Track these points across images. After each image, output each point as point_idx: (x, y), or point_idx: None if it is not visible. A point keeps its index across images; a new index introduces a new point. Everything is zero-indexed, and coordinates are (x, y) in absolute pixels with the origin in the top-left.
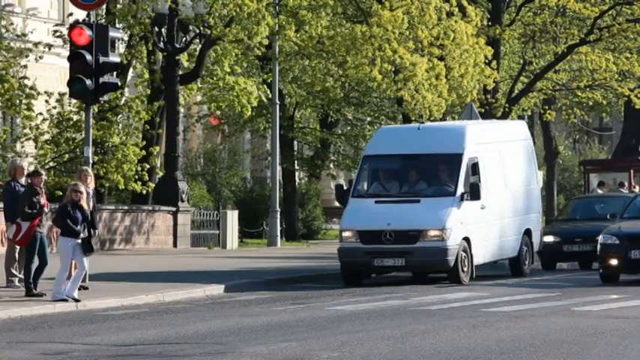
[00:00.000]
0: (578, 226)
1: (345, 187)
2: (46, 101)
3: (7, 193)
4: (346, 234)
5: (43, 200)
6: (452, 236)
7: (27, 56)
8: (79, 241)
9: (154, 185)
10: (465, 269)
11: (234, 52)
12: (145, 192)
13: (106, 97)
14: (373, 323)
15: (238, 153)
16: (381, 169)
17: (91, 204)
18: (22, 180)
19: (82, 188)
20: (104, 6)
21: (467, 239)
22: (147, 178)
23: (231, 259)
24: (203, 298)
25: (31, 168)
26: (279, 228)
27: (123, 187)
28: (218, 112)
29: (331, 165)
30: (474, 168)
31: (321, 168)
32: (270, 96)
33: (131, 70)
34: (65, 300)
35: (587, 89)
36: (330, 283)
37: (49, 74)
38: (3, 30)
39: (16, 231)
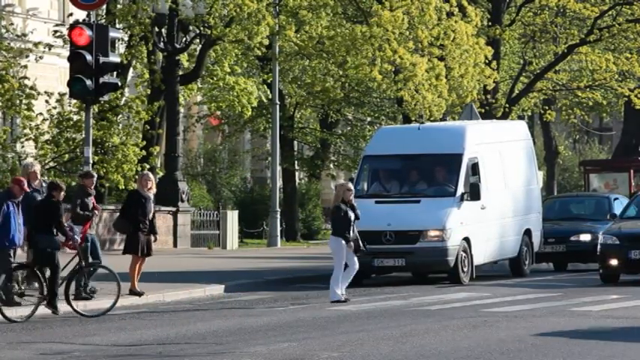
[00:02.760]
0: (551, 226)
1: None
2: (46, 101)
3: (24, 199)
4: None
5: (93, 202)
6: (452, 236)
7: (27, 56)
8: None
9: None
10: (465, 269)
11: (235, 52)
12: None
13: (106, 97)
14: (373, 323)
15: (238, 153)
16: (381, 169)
17: (152, 209)
18: (36, 183)
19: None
20: (104, 6)
21: (467, 239)
22: None
23: (231, 259)
24: (203, 298)
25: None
26: (279, 228)
27: (123, 187)
28: (218, 112)
29: (331, 165)
30: (474, 168)
31: (321, 168)
32: (270, 96)
33: (131, 70)
34: (344, 301)
35: (587, 89)
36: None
37: (49, 74)
38: (3, 30)
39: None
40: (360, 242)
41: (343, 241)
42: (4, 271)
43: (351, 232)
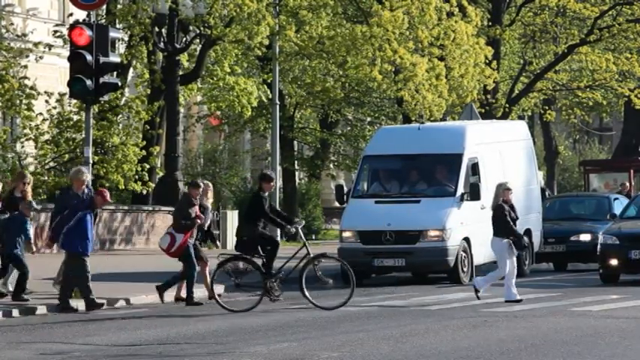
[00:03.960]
0: (551, 226)
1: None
2: (46, 101)
3: (60, 200)
4: (346, 234)
5: (197, 211)
6: (452, 236)
7: (27, 56)
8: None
9: (154, 185)
10: (465, 269)
11: (235, 52)
12: (145, 192)
13: (106, 97)
14: (373, 323)
15: (238, 153)
16: (381, 169)
17: (209, 219)
18: (80, 192)
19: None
20: (104, 6)
21: (467, 239)
22: (147, 178)
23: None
24: (203, 298)
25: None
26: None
27: (123, 187)
28: (218, 112)
29: (331, 165)
30: (474, 168)
31: (321, 168)
32: (270, 96)
33: (131, 70)
34: (519, 301)
35: (588, 89)
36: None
37: (49, 74)
38: (3, 30)
39: (171, 243)
40: (523, 240)
41: (504, 241)
42: (80, 278)
43: (515, 232)
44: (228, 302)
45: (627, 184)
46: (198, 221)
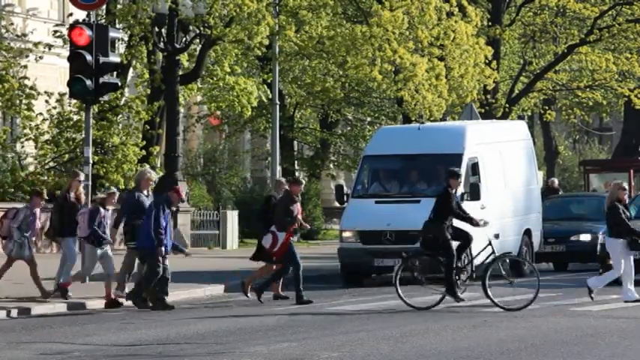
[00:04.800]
0: (551, 226)
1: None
2: (46, 101)
3: (127, 203)
4: (346, 234)
5: (298, 208)
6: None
7: (27, 56)
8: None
9: (153, 185)
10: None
11: (234, 52)
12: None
13: (106, 97)
14: (373, 323)
15: (238, 153)
16: (381, 169)
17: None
18: (145, 192)
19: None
20: (104, 6)
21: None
22: None
23: (231, 259)
24: (203, 298)
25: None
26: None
27: (123, 187)
28: (218, 112)
29: (331, 165)
30: (474, 168)
31: (321, 168)
32: (270, 96)
33: (131, 70)
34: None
35: (587, 89)
36: (330, 283)
37: (49, 74)
38: (3, 30)
39: (273, 242)
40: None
41: (620, 241)
42: (154, 273)
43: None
44: (411, 300)
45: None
46: (299, 217)
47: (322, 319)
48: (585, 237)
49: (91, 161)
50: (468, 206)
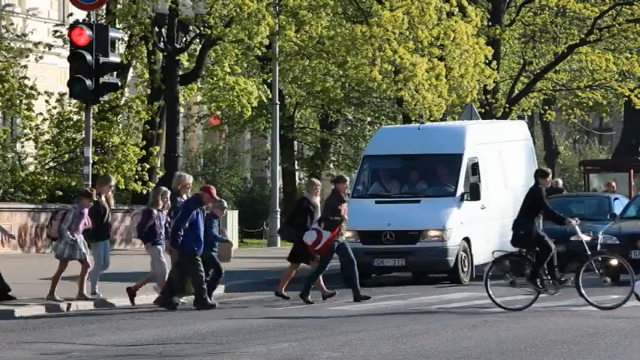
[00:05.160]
0: (551, 226)
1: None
2: (46, 101)
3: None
4: (346, 234)
5: (345, 208)
6: (452, 236)
7: (27, 56)
8: None
9: (154, 185)
10: (465, 269)
11: (235, 52)
12: (145, 192)
13: (106, 97)
14: (373, 323)
15: (238, 153)
16: (381, 169)
17: (314, 217)
18: (185, 197)
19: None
20: (104, 6)
21: (467, 239)
22: (147, 178)
23: (230, 259)
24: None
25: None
26: (279, 228)
27: (123, 187)
28: (218, 112)
29: (331, 165)
30: (474, 168)
31: (321, 168)
32: (270, 96)
33: (131, 70)
34: None
35: (588, 89)
36: (330, 283)
37: (49, 74)
38: (3, 30)
39: (317, 239)
40: None
41: None
42: (195, 277)
43: None
44: (503, 301)
45: (613, 183)
46: (346, 216)
47: (322, 319)
48: (585, 237)
49: (91, 161)
50: (468, 206)
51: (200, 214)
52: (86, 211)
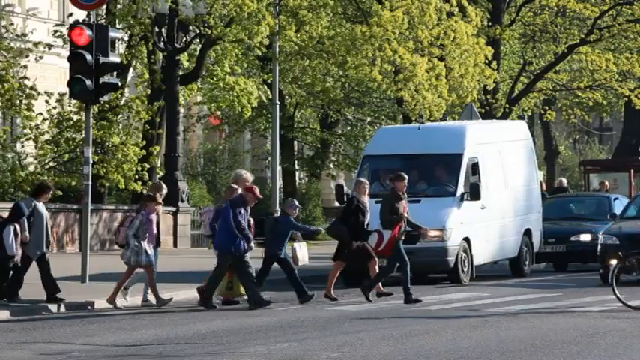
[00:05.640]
0: (551, 226)
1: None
2: (46, 101)
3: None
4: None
5: (404, 205)
6: (452, 236)
7: (27, 56)
8: None
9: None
10: (465, 269)
11: (235, 52)
12: (144, 192)
13: (106, 97)
14: (373, 323)
15: (238, 153)
16: (381, 169)
17: (366, 216)
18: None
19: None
20: (104, 6)
21: (467, 239)
22: (147, 178)
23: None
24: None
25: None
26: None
27: (123, 187)
28: (218, 112)
29: (331, 165)
30: (474, 168)
31: (321, 168)
32: (270, 96)
33: (131, 70)
34: None
35: (588, 89)
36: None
37: (49, 74)
38: (3, 30)
39: (379, 241)
40: None
41: None
42: (244, 276)
43: None
44: (632, 302)
45: (607, 182)
46: (406, 215)
47: (322, 319)
48: (585, 237)
49: (91, 161)
50: (468, 206)
51: (244, 214)
52: (153, 216)
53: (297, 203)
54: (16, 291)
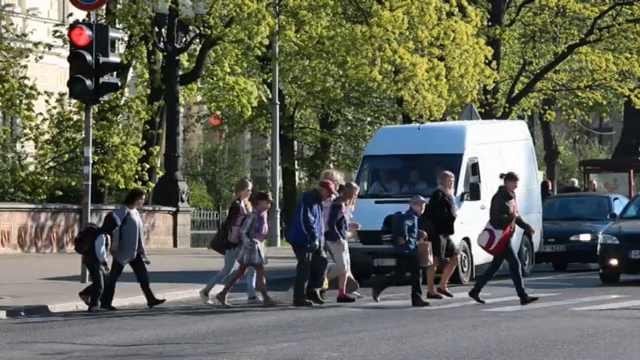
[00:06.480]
0: (551, 226)
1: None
2: (46, 101)
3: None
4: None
5: (514, 205)
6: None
7: (27, 56)
8: None
9: (154, 185)
10: (465, 269)
11: (234, 52)
12: (144, 192)
13: (106, 97)
14: (373, 323)
15: (238, 153)
16: (381, 169)
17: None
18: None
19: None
20: (104, 6)
21: (467, 239)
22: (147, 178)
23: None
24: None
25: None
26: (279, 228)
27: (123, 187)
28: (218, 112)
29: (331, 165)
30: (474, 168)
31: (321, 168)
32: (270, 96)
33: (131, 70)
34: None
35: (587, 89)
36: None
37: (49, 74)
38: (3, 30)
39: (490, 239)
40: None
41: None
42: (301, 271)
43: None
44: None
45: (594, 181)
46: (516, 214)
47: (322, 319)
48: (585, 237)
49: (90, 161)
50: (468, 206)
51: (319, 209)
52: (265, 214)
53: (422, 198)
54: (107, 299)
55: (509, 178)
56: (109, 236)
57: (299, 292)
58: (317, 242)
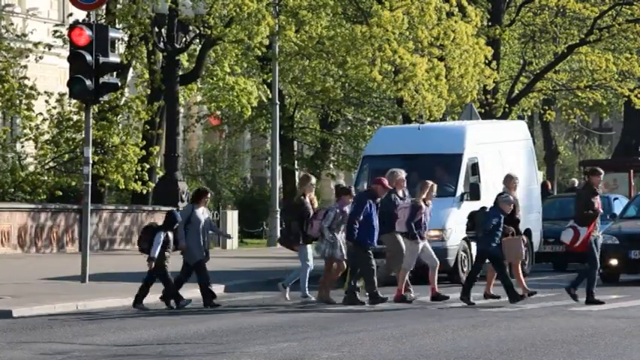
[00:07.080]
0: (551, 226)
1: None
2: (46, 101)
3: (387, 204)
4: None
5: (597, 201)
6: (452, 236)
7: (27, 56)
8: None
9: (153, 185)
10: (465, 269)
11: (234, 52)
12: (145, 192)
13: (106, 98)
14: (373, 323)
15: (238, 153)
16: (381, 169)
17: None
18: (401, 192)
19: (511, 198)
20: (104, 6)
21: (467, 239)
22: (147, 178)
23: (231, 259)
24: None
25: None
26: (279, 228)
27: (123, 187)
28: (218, 112)
29: (331, 165)
30: (474, 168)
31: (321, 168)
32: (270, 96)
33: (131, 70)
34: None
35: (587, 89)
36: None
37: (49, 74)
38: (3, 30)
39: (574, 236)
40: None
41: None
42: (367, 270)
43: None
44: None
45: (575, 180)
46: (601, 211)
47: (322, 319)
48: None
49: (90, 161)
50: (468, 206)
51: (374, 207)
52: (347, 208)
53: (511, 198)
54: (174, 294)
55: (593, 173)
56: (169, 233)
57: (371, 289)
58: (374, 241)
